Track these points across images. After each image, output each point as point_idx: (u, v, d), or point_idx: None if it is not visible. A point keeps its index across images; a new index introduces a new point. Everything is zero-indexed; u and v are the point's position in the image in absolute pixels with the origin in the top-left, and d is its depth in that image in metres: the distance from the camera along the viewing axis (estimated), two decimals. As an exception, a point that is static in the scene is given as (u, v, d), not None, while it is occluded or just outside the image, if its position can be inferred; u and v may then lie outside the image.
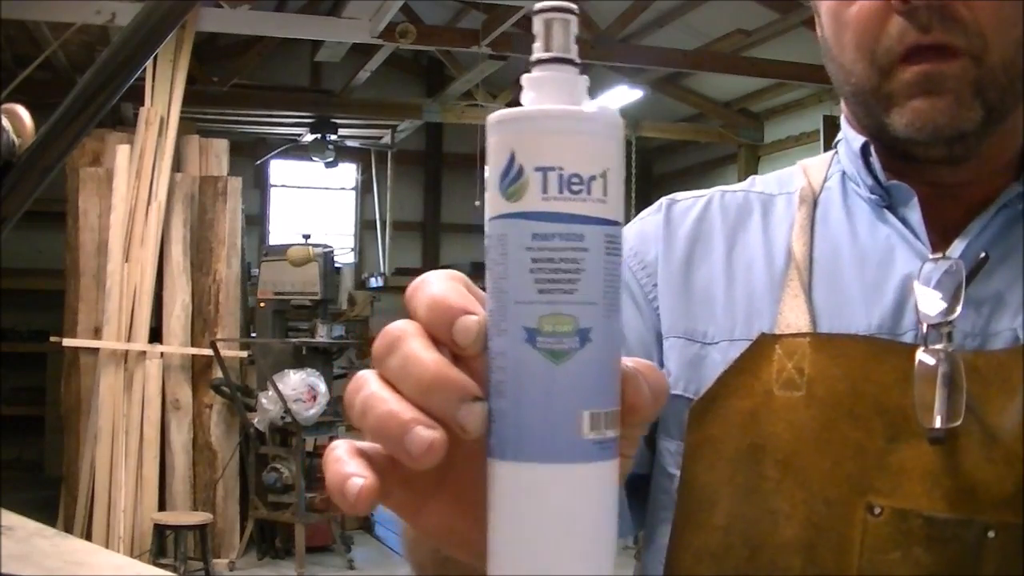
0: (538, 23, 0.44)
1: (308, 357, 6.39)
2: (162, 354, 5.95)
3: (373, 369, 0.45)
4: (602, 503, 0.43)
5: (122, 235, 5.91)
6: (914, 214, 0.79)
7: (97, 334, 5.95)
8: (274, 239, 9.99)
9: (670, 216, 0.90)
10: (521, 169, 0.42)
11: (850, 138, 0.85)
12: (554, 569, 0.42)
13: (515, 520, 0.43)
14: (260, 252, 7.76)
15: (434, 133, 11.08)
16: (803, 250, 0.82)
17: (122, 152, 5.99)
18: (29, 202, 0.79)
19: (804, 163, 0.91)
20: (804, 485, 0.73)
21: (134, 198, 5.96)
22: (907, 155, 0.78)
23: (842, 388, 0.73)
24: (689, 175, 11.26)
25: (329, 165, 10.02)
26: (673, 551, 0.79)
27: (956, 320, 0.73)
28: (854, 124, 0.85)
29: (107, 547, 5.29)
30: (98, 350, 5.86)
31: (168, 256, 6.05)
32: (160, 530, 5.45)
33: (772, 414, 0.75)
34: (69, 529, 5.51)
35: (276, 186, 11.11)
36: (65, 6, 5.97)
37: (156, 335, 5.99)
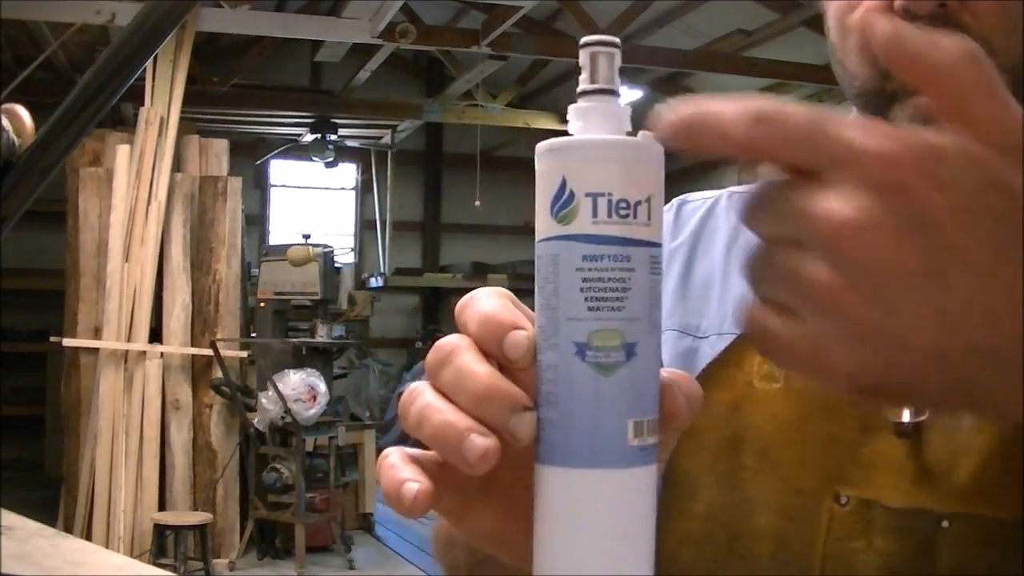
0: (584, 56, 0.47)
1: (308, 357, 6.39)
2: (162, 354, 5.95)
3: (426, 381, 0.48)
4: (644, 505, 0.47)
5: (122, 235, 5.91)
6: None
7: (97, 334, 5.95)
8: (274, 239, 9.99)
9: (679, 215, 0.92)
10: (572, 194, 0.45)
11: None
12: (599, 568, 0.46)
13: (563, 522, 0.46)
14: (260, 252, 7.76)
15: (434, 133, 11.08)
16: None
17: (122, 152, 5.99)
18: (29, 202, 0.79)
19: None
20: (778, 475, 0.75)
21: (134, 198, 5.96)
22: None
23: None
24: (689, 175, 11.25)
25: (329, 165, 10.02)
26: (658, 536, 0.81)
27: None
28: None
29: (107, 547, 5.28)
30: (98, 350, 5.86)
31: (168, 256, 6.06)
32: (160, 530, 5.45)
33: (752, 405, 0.77)
34: (69, 529, 5.51)
35: (276, 186, 11.11)
36: (65, 6, 5.97)
37: (156, 335, 6.00)
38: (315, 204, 11.14)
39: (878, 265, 0.40)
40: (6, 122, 0.78)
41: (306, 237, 7.02)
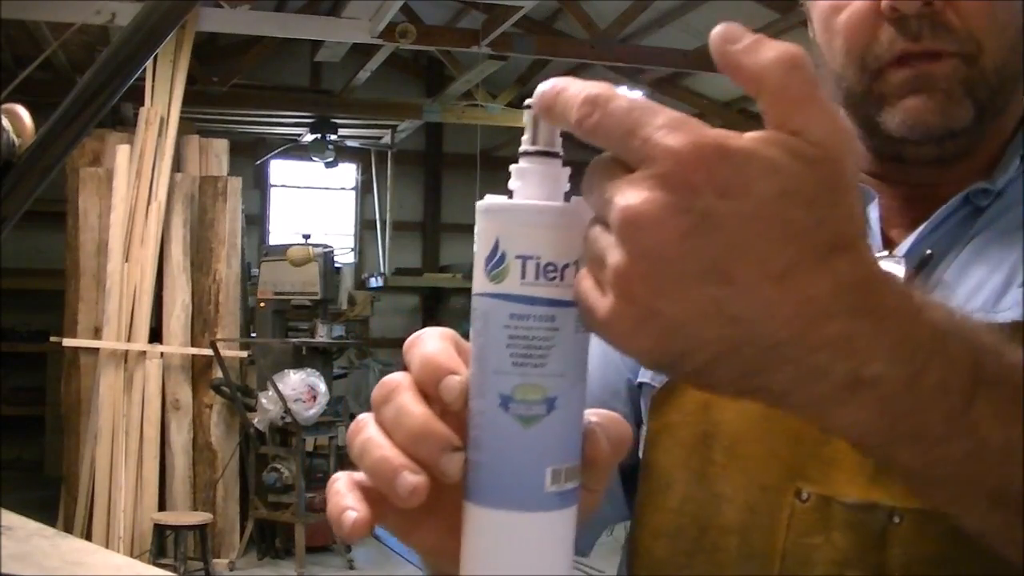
0: (527, 116, 0.49)
1: (308, 357, 6.40)
2: (162, 354, 5.95)
3: (372, 413, 0.52)
4: (561, 547, 0.50)
5: (122, 235, 5.91)
6: (873, 213, 0.81)
7: (97, 334, 5.96)
8: (274, 239, 9.99)
9: None
10: (504, 255, 0.48)
11: None
12: None
13: (483, 558, 0.50)
14: (260, 252, 7.76)
15: (434, 133, 11.08)
16: None
17: (122, 152, 5.99)
18: (29, 202, 0.79)
19: None
20: (744, 471, 0.77)
21: (134, 198, 5.96)
22: (897, 156, 0.79)
23: None
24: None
25: (329, 165, 10.02)
26: (634, 530, 0.84)
27: None
28: None
29: (107, 547, 5.29)
30: (98, 350, 5.87)
31: (168, 256, 6.06)
32: (160, 530, 5.45)
33: (722, 403, 0.78)
34: (69, 529, 5.51)
35: (276, 186, 11.11)
36: (65, 6, 5.97)
37: (156, 335, 6.00)
38: (315, 204, 11.14)
39: (663, 257, 0.42)
40: (6, 122, 0.78)
41: (306, 237, 7.02)
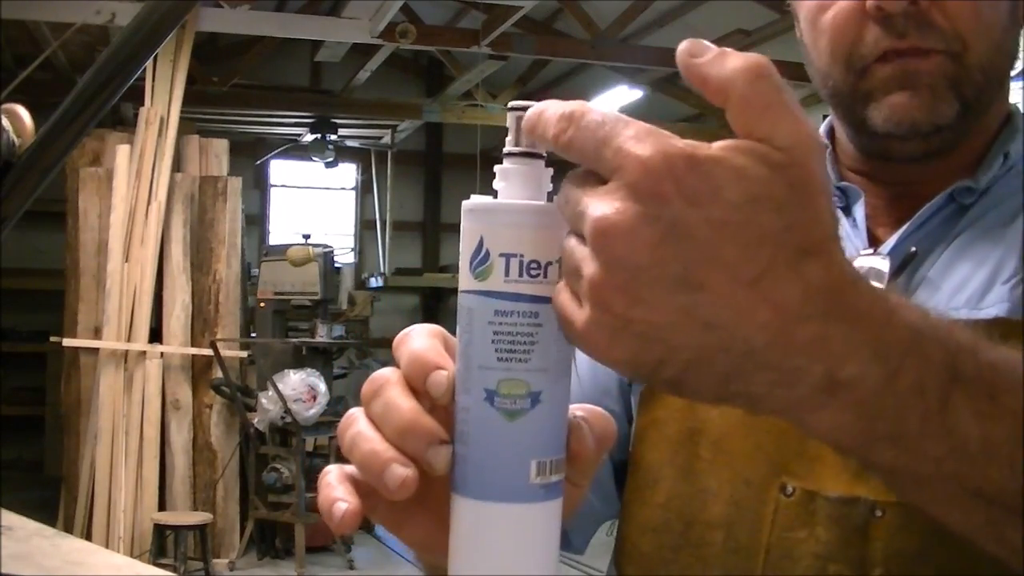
0: (510, 119, 0.50)
1: (308, 357, 6.39)
2: (162, 354, 5.95)
3: (362, 408, 0.53)
4: (546, 537, 0.51)
5: (122, 235, 5.91)
6: (859, 211, 0.82)
7: (97, 334, 5.95)
8: (274, 239, 9.99)
9: None
10: (488, 254, 0.49)
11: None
12: None
13: (470, 548, 0.51)
14: (260, 252, 7.76)
15: (434, 133, 11.08)
16: None
17: (122, 152, 5.99)
18: (29, 202, 0.79)
19: None
20: (730, 466, 0.78)
21: (134, 198, 5.96)
22: (884, 153, 0.80)
23: None
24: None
25: (329, 165, 10.02)
26: (622, 525, 0.86)
27: None
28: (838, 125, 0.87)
29: (107, 547, 5.29)
30: (98, 350, 5.86)
31: (168, 256, 6.06)
32: (160, 530, 5.45)
33: None
34: (69, 529, 5.51)
35: (276, 186, 11.11)
36: (65, 6, 5.97)
37: (156, 335, 6.00)
38: (315, 204, 11.14)
39: (636, 267, 0.42)
40: (6, 122, 0.79)
41: (306, 237, 7.02)
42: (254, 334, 6.83)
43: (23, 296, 8.45)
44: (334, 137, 9.69)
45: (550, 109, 0.46)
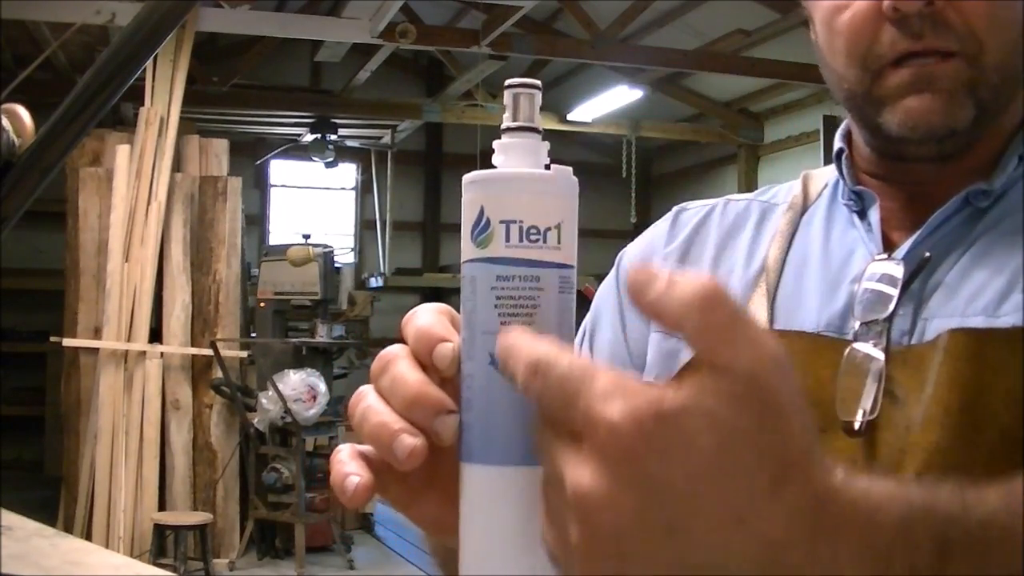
0: (508, 96, 0.52)
1: (308, 357, 6.39)
2: (162, 354, 5.95)
3: (371, 385, 0.54)
4: None
5: (122, 235, 5.91)
6: (874, 216, 0.81)
7: (97, 334, 5.95)
8: (274, 239, 9.99)
9: (675, 222, 0.95)
10: (488, 222, 0.51)
11: (837, 145, 0.87)
12: (511, 551, 0.50)
13: (480, 512, 0.51)
14: (260, 252, 7.76)
15: (434, 133, 11.08)
16: (776, 255, 0.85)
17: (122, 152, 5.99)
18: (29, 202, 0.79)
19: (808, 172, 0.93)
20: None
21: (134, 198, 5.96)
22: (899, 155, 0.80)
23: None
24: (689, 175, 11.25)
25: (329, 165, 10.02)
26: None
27: (896, 317, 0.75)
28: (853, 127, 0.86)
29: (107, 547, 5.29)
30: (98, 350, 5.86)
31: (168, 256, 6.06)
32: (160, 530, 5.45)
33: None
34: (69, 529, 5.51)
35: (276, 186, 11.10)
36: (65, 6, 5.97)
37: (156, 335, 6.00)
38: (315, 204, 11.14)
39: (621, 533, 0.42)
40: (6, 122, 0.78)
41: (306, 237, 7.02)
42: (254, 334, 6.83)
43: (23, 296, 8.45)
44: (334, 137, 9.69)
45: (521, 348, 0.46)
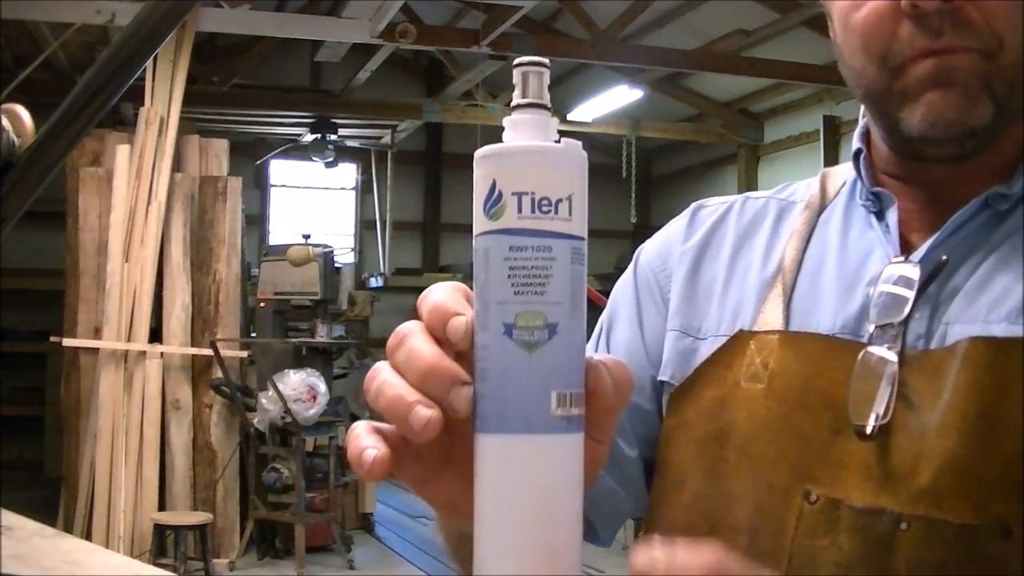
0: (517, 75, 0.54)
1: (308, 357, 6.39)
2: (162, 354, 5.95)
3: (386, 361, 0.54)
4: (569, 469, 0.52)
5: (122, 235, 5.91)
6: (892, 217, 0.81)
7: (97, 334, 5.95)
8: (274, 239, 9.99)
9: (693, 219, 0.95)
10: (501, 194, 0.52)
11: (856, 145, 0.86)
12: (528, 523, 0.51)
13: (496, 481, 0.51)
14: (260, 252, 7.75)
15: (434, 133, 11.08)
16: (793, 255, 0.85)
17: (122, 152, 5.99)
18: (29, 202, 0.79)
19: (826, 170, 0.93)
20: (754, 471, 0.78)
21: (134, 198, 5.96)
22: (917, 155, 0.79)
23: (797, 382, 0.78)
24: (689, 175, 11.25)
25: (329, 165, 10.02)
26: (648, 525, 0.86)
27: (911, 321, 0.75)
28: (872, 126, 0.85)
29: (107, 547, 5.28)
30: (98, 350, 5.86)
31: (168, 256, 6.06)
32: (160, 530, 5.45)
33: (736, 403, 0.80)
34: (69, 529, 5.51)
35: (276, 186, 11.11)
36: (65, 6, 5.97)
37: (156, 335, 6.00)
38: (315, 204, 11.14)
39: None
40: (6, 122, 0.78)
41: (306, 237, 7.02)
42: (254, 334, 6.83)
43: (23, 296, 8.45)
44: (334, 137, 9.69)
45: None
